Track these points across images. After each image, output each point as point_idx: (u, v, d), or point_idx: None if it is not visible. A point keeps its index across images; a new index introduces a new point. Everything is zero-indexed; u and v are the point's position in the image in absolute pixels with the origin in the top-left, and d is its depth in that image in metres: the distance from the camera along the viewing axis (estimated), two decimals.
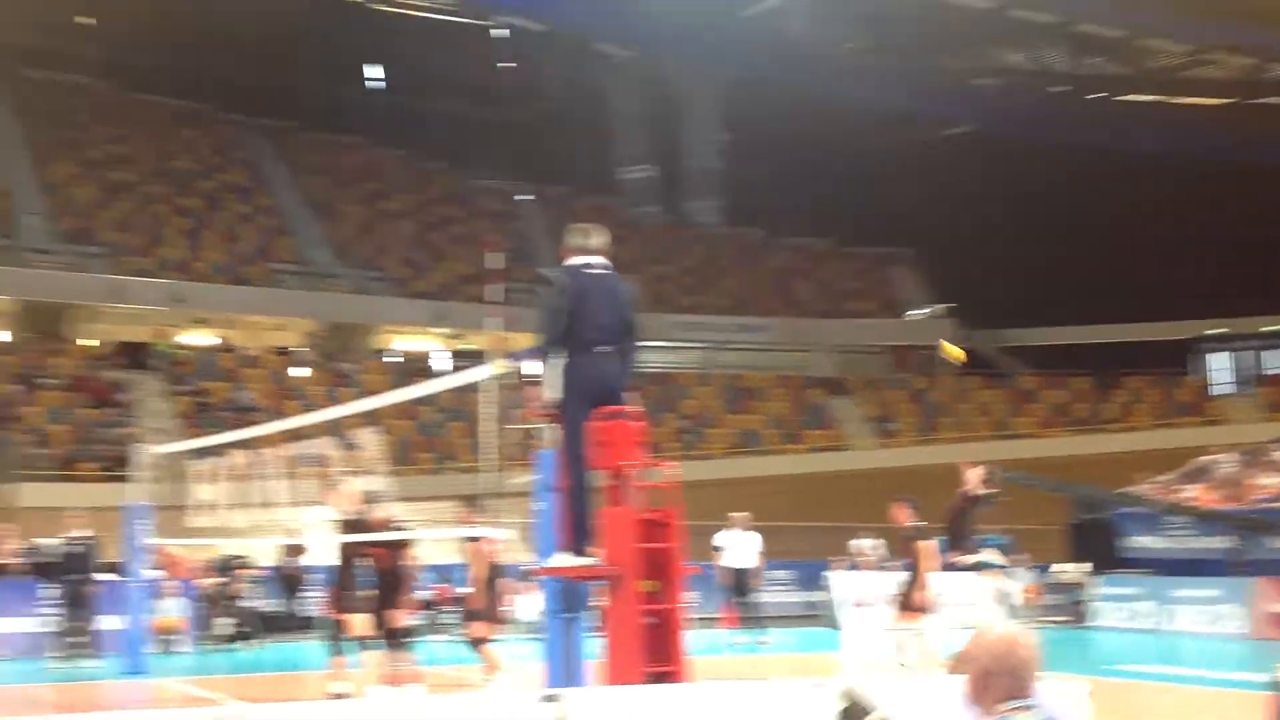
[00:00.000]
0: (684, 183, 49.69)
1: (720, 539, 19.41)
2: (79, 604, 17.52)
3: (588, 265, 7.78)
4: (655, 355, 40.34)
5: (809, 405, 42.17)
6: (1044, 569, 23.98)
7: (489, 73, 47.55)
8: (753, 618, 19.39)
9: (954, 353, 25.58)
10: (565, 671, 7.51)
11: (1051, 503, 26.17)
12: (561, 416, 7.59)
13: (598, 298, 7.62)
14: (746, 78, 45.87)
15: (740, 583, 19.28)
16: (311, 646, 13.40)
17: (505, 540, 12.23)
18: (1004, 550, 16.73)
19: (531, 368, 8.06)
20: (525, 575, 15.10)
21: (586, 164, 47.25)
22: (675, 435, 37.26)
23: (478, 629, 12.33)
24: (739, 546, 19.37)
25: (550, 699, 4.97)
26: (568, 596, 7.75)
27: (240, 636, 20.16)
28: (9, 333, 35.17)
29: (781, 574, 24.20)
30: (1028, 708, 3.64)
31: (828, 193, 45.34)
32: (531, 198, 47.25)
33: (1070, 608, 22.86)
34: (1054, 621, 21.98)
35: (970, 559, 14.33)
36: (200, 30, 43.07)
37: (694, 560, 20.32)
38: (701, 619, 19.38)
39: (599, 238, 7.95)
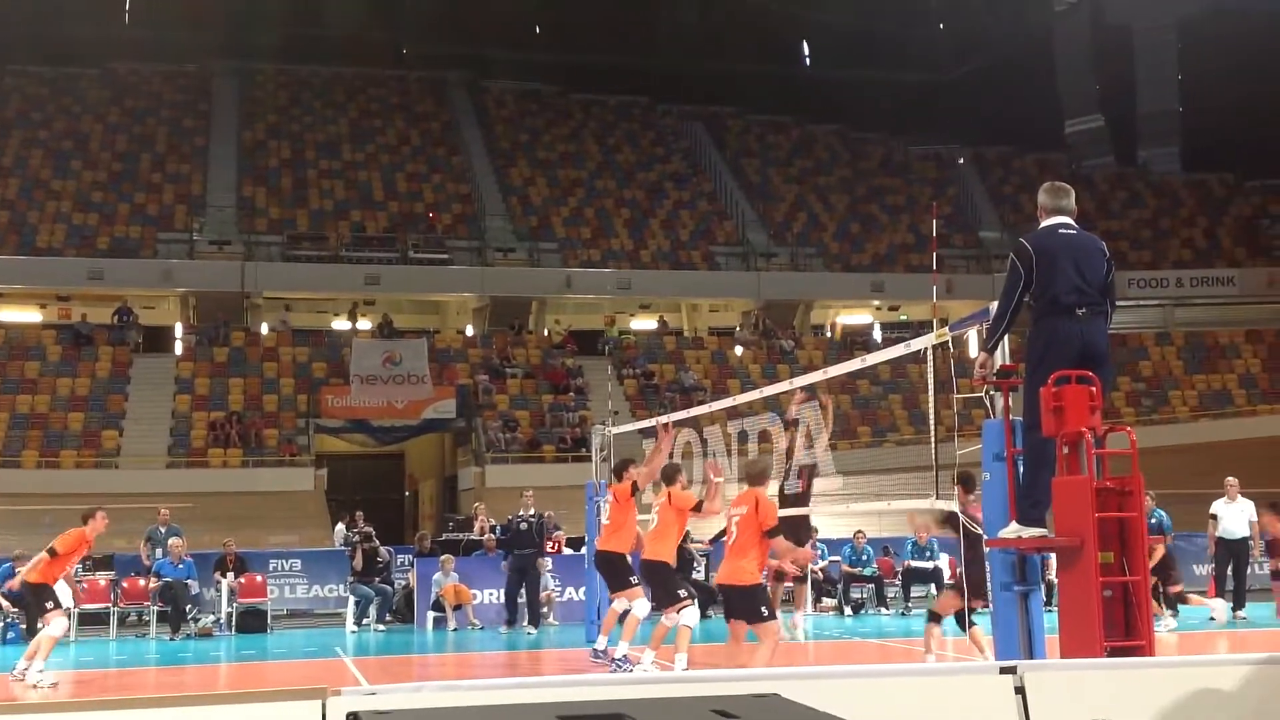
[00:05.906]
0: (1136, 130, 46.63)
1: (1216, 508, 18.16)
2: (526, 576, 18.55)
3: (1063, 225, 7.56)
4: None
5: None
6: None
7: (928, 34, 46.58)
8: (1241, 591, 17.90)
9: None
10: (1021, 645, 7.37)
11: None
12: (1029, 382, 7.38)
13: (1070, 258, 7.37)
14: (1205, 4, 42.31)
15: (1234, 554, 17.87)
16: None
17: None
18: None
19: (978, 335, 7.83)
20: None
21: (1028, 120, 45.37)
22: (1131, 399, 35.32)
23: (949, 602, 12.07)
24: (1233, 516, 17.94)
25: (1008, 670, 4.70)
26: (1020, 569, 7.57)
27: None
28: (478, 327, 38.03)
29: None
30: None
31: None
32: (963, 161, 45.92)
33: None
34: None
35: None
36: (637, 25, 44.78)
37: (1179, 530, 18.78)
38: (1191, 592, 18.12)
39: (1071, 197, 7.75)
